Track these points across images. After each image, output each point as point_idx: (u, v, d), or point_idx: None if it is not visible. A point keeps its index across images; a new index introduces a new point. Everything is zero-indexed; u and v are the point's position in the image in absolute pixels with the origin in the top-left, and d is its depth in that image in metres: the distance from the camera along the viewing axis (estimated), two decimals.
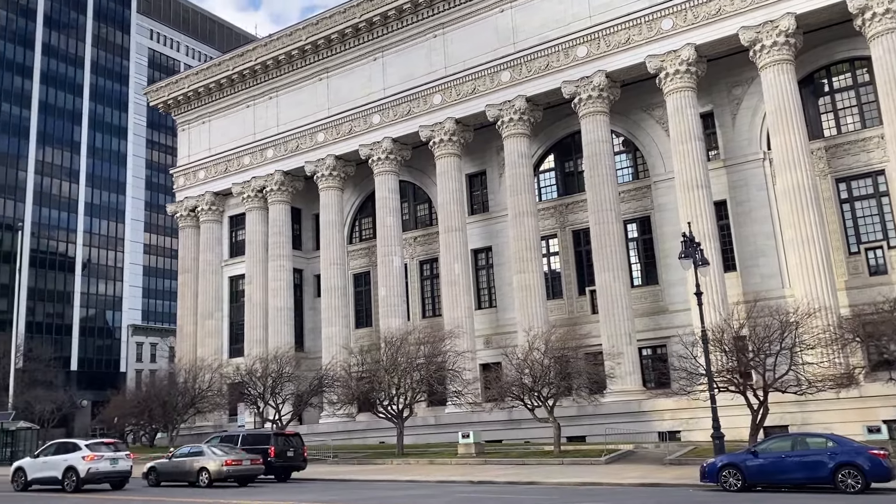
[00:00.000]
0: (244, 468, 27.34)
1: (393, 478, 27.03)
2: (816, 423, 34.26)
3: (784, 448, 20.33)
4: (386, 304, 50.14)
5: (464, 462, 32.14)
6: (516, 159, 47.07)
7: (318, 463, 37.77)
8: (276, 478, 30.09)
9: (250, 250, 59.09)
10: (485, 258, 52.21)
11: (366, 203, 58.95)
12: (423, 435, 44.46)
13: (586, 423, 40.64)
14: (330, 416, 49.29)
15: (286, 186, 57.92)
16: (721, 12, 41.14)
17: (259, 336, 56.40)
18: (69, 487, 25.99)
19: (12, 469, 28.72)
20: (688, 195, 41.20)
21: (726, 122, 44.81)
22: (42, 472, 27.05)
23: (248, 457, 28.00)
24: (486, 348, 48.83)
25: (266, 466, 28.99)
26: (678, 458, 28.34)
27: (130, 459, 27.63)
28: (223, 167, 61.62)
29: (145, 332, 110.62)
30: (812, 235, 37.43)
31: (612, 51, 44.54)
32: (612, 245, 43.19)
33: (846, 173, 41.15)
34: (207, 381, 49.38)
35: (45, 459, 27.36)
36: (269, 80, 59.23)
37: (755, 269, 42.23)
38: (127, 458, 27.34)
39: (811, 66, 42.35)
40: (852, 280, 39.64)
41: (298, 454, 30.28)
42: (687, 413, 38.34)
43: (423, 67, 51.43)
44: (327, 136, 55.36)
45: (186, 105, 64.81)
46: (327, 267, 54.41)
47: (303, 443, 31.52)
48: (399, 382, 36.38)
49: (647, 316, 44.68)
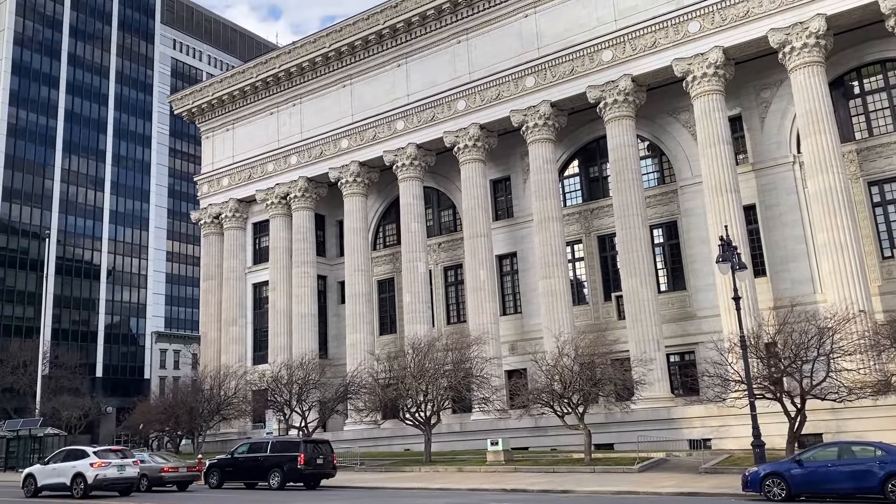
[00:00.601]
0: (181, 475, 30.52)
1: (423, 486, 26.78)
2: (851, 431, 33.55)
3: (830, 457, 19.81)
4: (411, 310, 49.97)
5: (493, 470, 31.81)
6: (541, 164, 46.79)
7: (345, 470, 37.59)
8: (306, 485, 30.04)
9: (274, 257, 59.23)
10: (509, 264, 51.92)
11: (390, 209, 58.91)
12: (449, 442, 44.19)
13: (614, 430, 40.18)
14: (356, 423, 49.13)
15: (310, 193, 58.02)
16: (749, 14, 40.65)
17: (283, 343, 56.46)
18: (77, 494, 26.41)
19: (23, 475, 29.19)
20: (716, 199, 40.67)
21: (754, 125, 44.25)
22: (51, 479, 27.45)
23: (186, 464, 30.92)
24: (511, 355, 48.50)
25: (296, 474, 28.97)
26: (713, 466, 27.82)
27: (137, 467, 28.15)
28: (247, 174, 61.88)
29: (168, 339, 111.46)
30: (845, 239, 36.75)
31: (638, 54, 44.17)
32: (639, 250, 42.73)
33: (878, 176, 40.44)
34: (233, 387, 49.43)
35: (54, 466, 27.82)
36: (293, 87, 59.44)
37: (786, 275, 41.57)
38: (134, 465, 27.79)
39: (841, 67, 41.72)
40: (886, 285, 38.89)
41: (328, 461, 30.17)
42: (717, 421, 37.83)
43: (446, 73, 51.35)
44: (351, 142, 55.42)
45: (210, 113, 65.22)
46: (352, 273, 54.38)
47: (332, 450, 31.48)
48: (427, 389, 36.11)
49: (673, 322, 44.14)
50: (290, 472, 29.11)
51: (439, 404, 37.41)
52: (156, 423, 56.11)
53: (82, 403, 63.40)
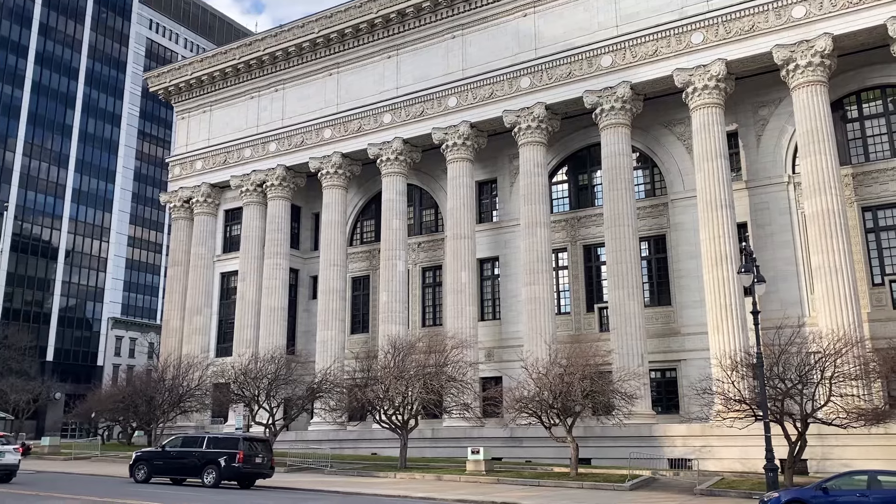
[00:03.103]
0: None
1: (403, 493, 25.09)
2: (836, 458, 32.84)
3: (858, 486, 18.63)
4: (387, 309, 48.26)
5: (474, 480, 30.25)
6: (532, 168, 45.56)
7: (313, 472, 35.70)
8: (241, 484, 29.18)
9: (245, 246, 57.04)
10: (490, 268, 50.56)
11: (369, 205, 57.16)
12: (419, 448, 42.49)
13: (592, 444, 38.92)
14: (321, 423, 47.23)
15: (287, 182, 56.02)
16: (755, 29, 39.97)
17: (250, 336, 54.29)
18: None
19: None
20: (710, 215, 39.83)
21: (750, 142, 43.60)
22: None
23: None
24: (488, 362, 47.10)
25: (232, 471, 28.25)
26: (709, 488, 26.64)
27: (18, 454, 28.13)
28: (222, 158, 59.61)
29: (125, 326, 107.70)
30: (840, 263, 36.12)
31: (639, 62, 43.25)
32: (627, 261, 41.70)
33: (873, 202, 40.01)
34: (196, 379, 47.12)
35: None
36: (277, 72, 57.43)
37: (775, 295, 40.80)
38: (15, 451, 27.65)
39: (842, 90, 41.28)
40: (875, 312, 38.38)
41: (266, 461, 29.36)
42: (700, 441, 36.84)
43: (439, 68, 49.89)
44: (335, 132, 53.59)
45: (187, 93, 62.80)
46: (326, 268, 52.47)
47: (271, 450, 30.91)
48: (406, 391, 34.45)
49: (656, 338, 43.18)
50: (226, 469, 28.18)
51: (417, 408, 35.76)
52: (108, 411, 53.46)
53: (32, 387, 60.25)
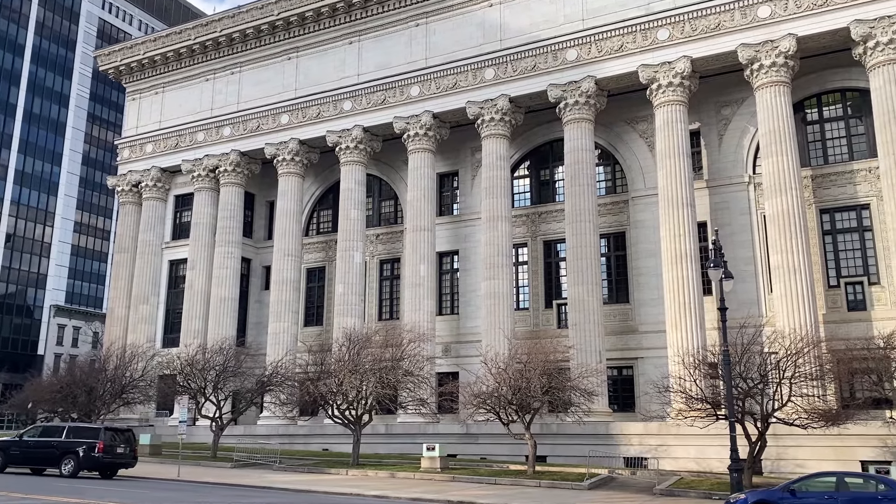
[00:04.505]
0: None
1: (356, 491, 24.07)
2: (791, 458, 32.98)
3: (826, 488, 18.27)
4: (343, 301, 47.03)
5: (429, 477, 29.38)
6: (494, 161, 44.83)
7: (260, 469, 34.40)
8: (102, 474, 28.96)
9: (196, 233, 55.12)
10: (450, 262, 49.71)
11: (327, 194, 55.75)
12: (372, 444, 41.45)
13: (548, 442, 38.39)
14: (271, 417, 45.81)
15: (242, 168, 54.28)
16: (720, 27, 39.85)
17: (198, 326, 52.47)
18: None
19: None
20: (671, 213, 39.61)
21: (712, 141, 43.59)
22: None
23: None
24: (445, 357, 46.27)
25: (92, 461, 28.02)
26: (668, 488, 26.25)
27: None
28: (174, 142, 57.52)
29: (68, 315, 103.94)
30: (799, 264, 36.22)
31: (604, 57, 42.84)
32: (588, 257, 41.27)
33: (831, 204, 40.30)
34: (140, 370, 45.22)
35: None
36: (233, 54, 55.58)
37: (733, 295, 40.43)
38: None
39: (803, 92, 41.43)
40: (830, 314, 38.64)
41: (130, 451, 29.28)
42: (656, 440, 36.63)
43: (402, 56, 48.77)
44: (292, 118, 52.05)
45: (139, 73, 60.46)
46: (280, 258, 50.95)
47: (136, 439, 30.89)
48: (361, 385, 33.36)
49: (614, 335, 42.87)
50: (85, 459, 28.04)
51: (372, 403, 34.70)
52: (46, 402, 51.07)
53: None
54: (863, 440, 32.22)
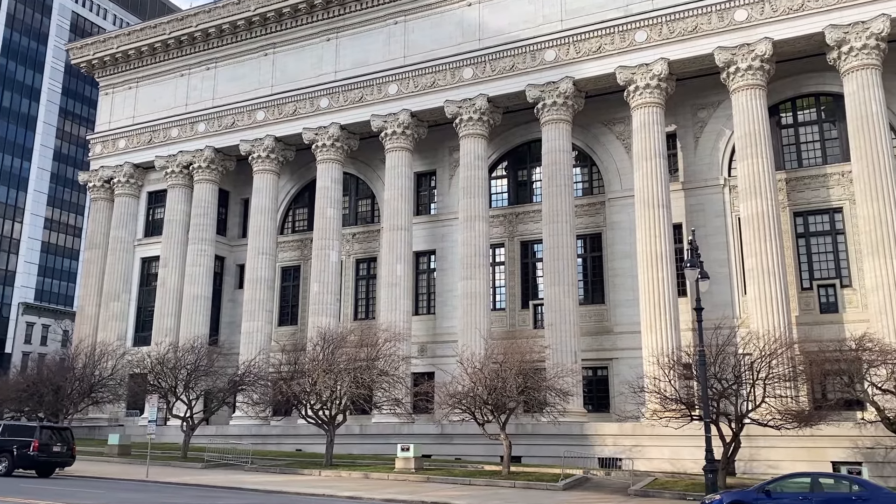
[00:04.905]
0: None
1: (328, 492, 23.73)
2: (763, 459, 33.14)
3: (801, 489, 18.27)
4: (318, 301, 46.57)
5: (403, 478, 29.10)
6: (472, 161, 44.68)
7: (232, 469, 33.88)
8: (38, 473, 28.86)
9: (169, 230, 54.33)
10: (427, 262, 49.46)
11: (303, 192, 55.21)
12: (346, 445, 41.06)
13: (523, 442, 38.26)
14: (244, 417, 45.22)
15: (216, 165, 53.59)
16: (697, 30, 40.06)
17: (170, 325, 51.71)
18: None
19: None
20: (647, 214, 39.72)
21: (688, 144, 43.80)
22: None
23: None
24: (421, 357, 46.00)
25: (27, 460, 27.97)
26: (643, 489, 26.23)
27: None
28: (147, 138, 56.64)
29: (38, 313, 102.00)
30: (773, 266, 36.47)
31: (582, 58, 42.86)
32: (564, 258, 41.27)
33: (804, 208, 40.64)
34: (110, 368, 44.38)
35: None
36: (209, 49, 54.86)
37: (707, 297, 40.39)
38: None
39: (778, 96, 41.75)
40: (803, 316, 38.96)
41: (67, 450, 29.16)
42: (630, 440, 36.67)
43: (380, 54, 48.44)
44: (268, 115, 51.47)
45: (113, 67, 59.47)
46: (255, 256, 50.34)
47: (73, 437, 30.65)
48: (335, 385, 32.96)
49: (589, 336, 42.88)
50: (20, 457, 27.94)
51: (346, 403, 34.33)
52: (13, 401, 49.99)
53: None
54: (834, 441, 32.49)
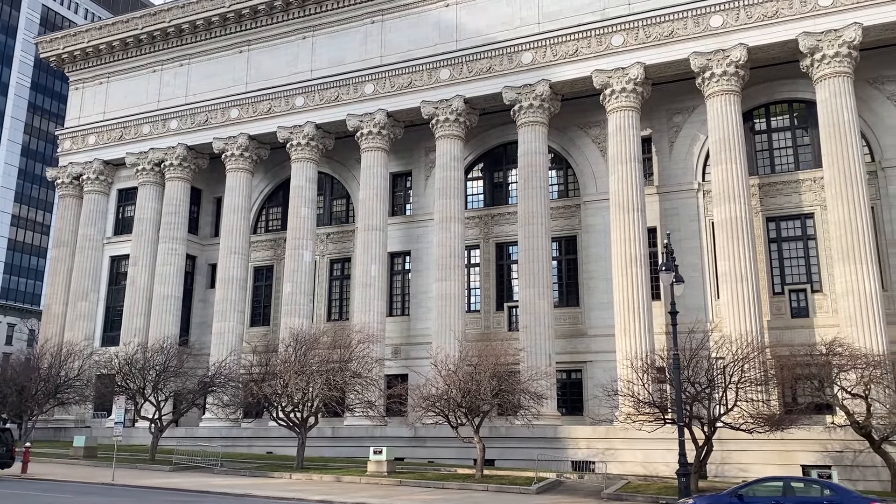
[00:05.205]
0: None
1: (298, 496, 23.35)
2: (735, 463, 33.28)
3: (773, 493, 18.32)
4: (290, 301, 46.05)
5: (375, 482, 28.78)
6: (448, 161, 44.50)
7: (201, 472, 33.29)
8: None
9: (139, 229, 53.42)
10: (401, 263, 49.17)
11: (276, 192, 54.62)
12: (318, 447, 40.62)
13: (497, 445, 38.10)
14: (214, 419, 44.54)
15: (188, 163, 52.82)
16: (674, 35, 40.27)
17: (140, 324, 50.84)
18: None
19: None
20: (622, 217, 39.83)
21: (663, 148, 44.01)
22: None
23: None
24: (395, 358, 45.68)
25: None
26: (616, 492, 26.20)
27: None
28: (118, 134, 55.67)
29: (3, 311, 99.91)
30: (746, 271, 36.74)
31: (559, 61, 42.90)
32: (539, 260, 41.26)
33: (777, 213, 41.02)
34: (76, 368, 43.44)
35: None
36: (183, 45, 54.06)
37: (680, 301, 40.48)
38: None
39: (751, 102, 42.09)
40: (775, 320, 39.29)
41: (6, 451, 28.90)
42: (603, 444, 36.65)
43: (356, 53, 48.08)
44: (242, 112, 50.83)
45: (83, 62, 58.38)
46: (227, 255, 49.65)
47: (13, 438, 30.30)
48: (307, 387, 32.53)
49: (563, 339, 42.88)
50: None
51: (318, 405, 33.90)
52: None
53: None
54: (804, 445, 32.76)
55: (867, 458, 30.58)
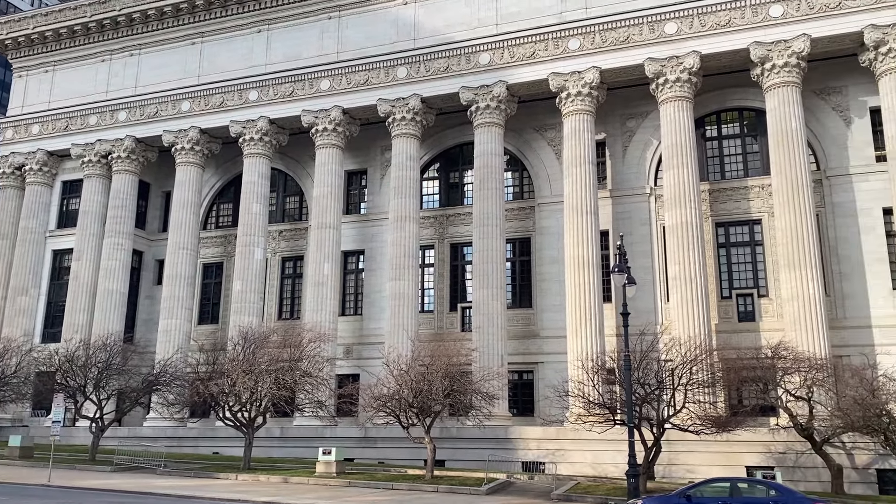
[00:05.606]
0: None
1: (244, 497, 22.82)
2: (682, 464, 33.72)
3: (721, 493, 18.54)
4: (240, 299, 45.19)
5: (324, 483, 28.36)
6: (404, 161, 44.23)
7: (143, 473, 32.39)
8: None
9: (84, 222, 51.82)
10: (355, 262, 48.70)
11: (228, 187, 53.58)
12: (267, 448, 39.94)
13: (448, 446, 37.95)
14: (159, 418, 43.41)
15: (137, 155, 51.45)
16: (629, 41, 40.71)
17: (83, 321, 49.30)
18: None
19: None
20: (575, 220, 40.11)
21: (617, 152, 44.48)
22: None
23: None
24: (347, 358, 45.23)
25: None
26: (565, 493, 26.28)
27: None
28: (63, 124, 53.94)
29: None
30: (695, 274, 37.32)
31: (516, 63, 43.01)
32: (494, 261, 41.30)
33: (726, 218, 41.77)
34: (13, 365, 41.87)
35: None
36: (134, 35, 52.66)
37: (631, 304, 40.73)
38: None
39: (703, 109, 42.77)
40: (723, 324, 39.99)
41: None
42: (554, 444, 36.81)
43: (313, 49, 47.45)
44: (194, 105, 49.72)
45: (28, 49, 56.43)
46: (175, 251, 48.48)
47: None
48: (256, 386, 31.89)
49: (515, 339, 43.00)
50: None
51: (266, 404, 33.27)
52: None
53: None
54: (749, 446, 33.37)
55: (809, 459, 31.34)
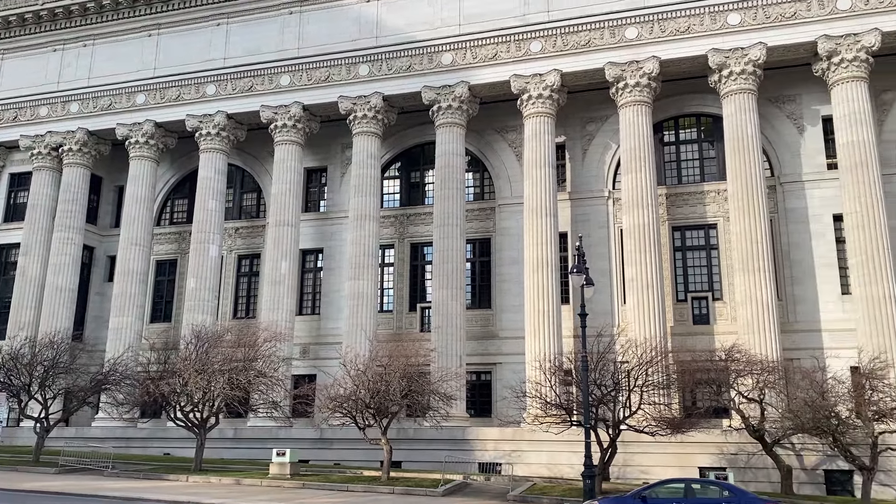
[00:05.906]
0: None
1: (193, 500, 22.25)
2: (637, 465, 34.02)
3: (675, 494, 18.66)
4: (194, 297, 44.26)
5: (277, 484, 27.85)
6: (365, 159, 43.87)
7: (91, 474, 31.45)
8: None
9: (32, 216, 50.29)
10: (313, 260, 48.12)
11: (183, 183, 52.50)
12: (219, 449, 39.17)
13: (404, 447, 37.69)
14: (108, 419, 42.25)
15: (89, 148, 50.09)
16: (591, 44, 40.98)
17: (29, 318, 47.83)
18: None
19: None
20: (535, 221, 40.25)
21: (576, 155, 44.76)
22: None
23: None
24: (303, 358, 44.66)
25: None
26: (522, 494, 26.25)
27: None
28: (12, 115, 52.24)
29: None
30: (652, 277, 37.71)
31: (478, 64, 42.97)
32: (454, 261, 41.19)
33: (682, 222, 42.33)
34: None
35: None
36: (88, 24, 51.22)
37: (588, 305, 40.94)
38: None
39: (662, 115, 43.23)
40: (678, 327, 40.51)
41: None
42: (510, 445, 36.84)
43: (272, 43, 46.73)
44: (149, 98, 48.59)
45: None
46: (127, 247, 47.30)
47: None
48: (209, 386, 31.21)
49: (474, 340, 42.97)
50: None
51: (219, 405, 32.61)
52: None
53: None
54: (702, 447, 33.81)
55: (760, 460, 31.87)
